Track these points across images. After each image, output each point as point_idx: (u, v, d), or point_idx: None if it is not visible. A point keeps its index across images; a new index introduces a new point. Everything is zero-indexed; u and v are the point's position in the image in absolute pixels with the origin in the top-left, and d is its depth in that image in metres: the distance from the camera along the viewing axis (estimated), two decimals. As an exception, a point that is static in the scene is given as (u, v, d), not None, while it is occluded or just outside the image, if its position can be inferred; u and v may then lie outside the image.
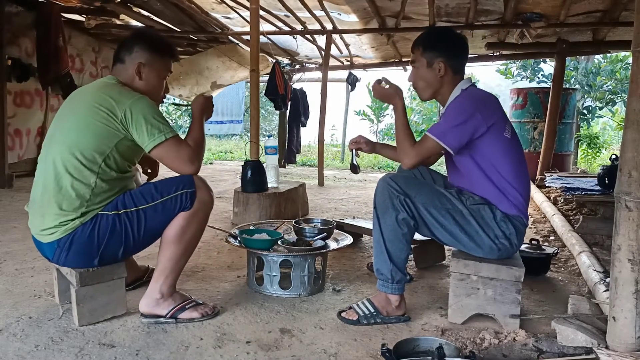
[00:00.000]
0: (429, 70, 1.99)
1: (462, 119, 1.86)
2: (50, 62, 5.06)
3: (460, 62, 2.02)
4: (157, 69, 1.91)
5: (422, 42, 2.01)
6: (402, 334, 1.81)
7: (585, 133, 8.61)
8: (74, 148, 1.72)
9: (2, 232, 3.18)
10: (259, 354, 1.64)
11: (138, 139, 1.76)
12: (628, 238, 1.46)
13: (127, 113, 1.73)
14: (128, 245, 1.79)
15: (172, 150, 1.79)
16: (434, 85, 2.00)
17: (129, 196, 1.79)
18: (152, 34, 2.02)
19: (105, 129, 1.73)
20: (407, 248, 1.90)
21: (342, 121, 10.98)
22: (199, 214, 1.83)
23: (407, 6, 4.84)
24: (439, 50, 1.98)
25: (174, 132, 1.79)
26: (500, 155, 1.91)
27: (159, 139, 1.75)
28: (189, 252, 1.89)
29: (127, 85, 1.85)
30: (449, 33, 2.08)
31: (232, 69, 7.19)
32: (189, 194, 1.80)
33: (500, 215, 1.89)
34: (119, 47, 1.91)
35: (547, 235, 3.48)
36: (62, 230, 1.72)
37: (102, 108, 1.72)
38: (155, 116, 1.76)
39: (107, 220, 1.74)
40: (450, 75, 1.99)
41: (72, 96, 1.89)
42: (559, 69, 5.89)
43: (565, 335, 1.62)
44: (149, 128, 1.74)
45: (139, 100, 1.76)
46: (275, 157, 3.97)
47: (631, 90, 1.48)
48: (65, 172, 1.71)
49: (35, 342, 1.68)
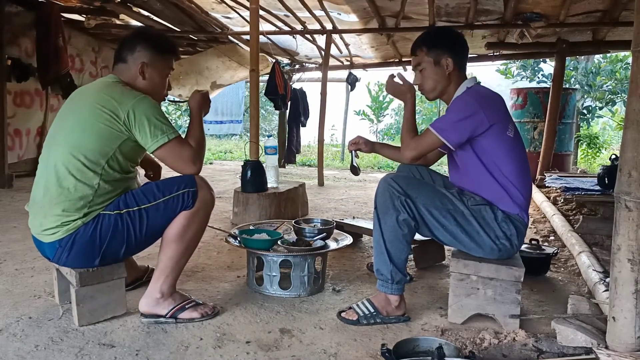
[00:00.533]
0: (437, 68, 1.99)
1: (463, 115, 1.86)
2: (50, 62, 5.06)
3: (464, 58, 2.04)
4: (160, 68, 1.91)
5: (425, 42, 2.02)
6: (402, 334, 1.81)
7: (585, 133, 8.61)
8: (77, 150, 1.71)
9: (2, 232, 3.18)
10: (259, 354, 1.64)
11: (141, 140, 1.76)
12: (628, 238, 1.46)
13: (130, 114, 1.72)
14: (130, 244, 1.79)
15: (175, 151, 1.79)
16: (443, 82, 2.01)
17: (130, 196, 1.79)
18: (154, 33, 2.02)
19: (108, 130, 1.72)
20: (407, 249, 1.90)
21: (342, 121, 10.98)
22: (200, 213, 1.83)
23: (407, 6, 4.84)
24: (443, 47, 1.99)
25: (177, 132, 1.79)
26: (503, 154, 1.91)
27: (162, 140, 1.75)
28: (190, 252, 1.89)
29: (130, 85, 1.85)
30: (449, 30, 2.11)
31: (231, 68, 7.19)
32: (191, 193, 1.80)
33: (502, 216, 1.89)
34: (121, 46, 1.90)
35: (547, 235, 3.48)
36: (64, 230, 1.71)
37: (105, 109, 1.72)
38: (158, 117, 1.76)
39: (109, 220, 1.74)
40: (457, 71, 2.00)
41: (73, 96, 1.88)
42: (559, 69, 5.89)
43: (565, 335, 1.62)
44: (152, 129, 1.74)
45: (141, 100, 1.75)
46: (275, 157, 3.97)
47: (631, 90, 1.48)
48: (67, 173, 1.71)
49: (35, 342, 1.68)
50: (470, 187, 1.98)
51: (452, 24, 5.33)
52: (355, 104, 12.98)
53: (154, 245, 1.89)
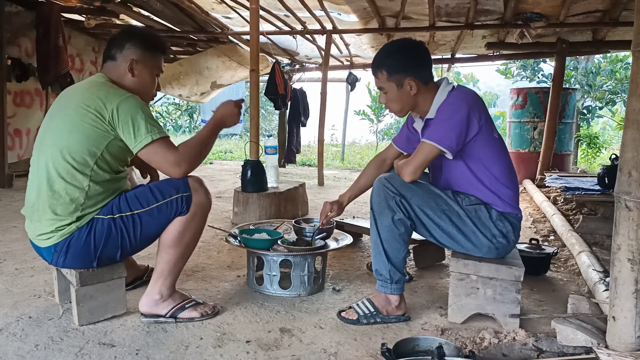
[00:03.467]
0: (401, 92, 1.91)
1: (457, 118, 1.84)
2: (50, 62, 5.05)
3: (428, 70, 1.95)
4: (149, 66, 1.88)
5: (384, 66, 1.91)
6: (401, 334, 1.81)
7: (585, 133, 8.61)
8: (65, 151, 1.68)
9: (2, 232, 3.18)
10: (259, 354, 1.64)
11: (126, 140, 1.72)
12: (628, 238, 1.46)
13: (114, 113, 1.68)
14: (125, 248, 1.78)
15: (159, 152, 1.73)
16: (409, 103, 1.95)
17: (124, 200, 1.76)
18: (143, 31, 1.99)
19: (94, 130, 1.69)
20: (404, 248, 1.90)
21: (342, 121, 10.99)
22: (196, 218, 1.81)
23: (407, 6, 4.85)
24: (405, 68, 1.89)
25: (163, 133, 1.74)
26: (491, 157, 1.91)
27: (146, 140, 1.70)
28: (188, 254, 1.88)
29: (118, 83, 1.81)
30: (406, 47, 1.94)
31: (232, 68, 7.18)
32: (184, 198, 1.77)
33: (496, 214, 1.89)
34: (109, 44, 1.86)
35: (547, 235, 3.48)
36: (59, 235, 1.71)
37: (90, 109, 1.68)
38: (143, 116, 1.70)
39: (103, 225, 1.72)
40: (422, 88, 1.92)
41: (62, 95, 1.84)
42: (559, 68, 5.89)
43: (565, 334, 1.62)
44: (135, 129, 1.69)
45: (126, 99, 1.71)
46: (275, 157, 3.97)
47: (631, 90, 1.48)
48: (57, 176, 1.69)
49: (35, 341, 1.68)
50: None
51: (452, 24, 5.33)
52: (355, 104, 12.99)
53: (153, 244, 1.89)
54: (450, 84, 1.95)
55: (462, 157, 1.91)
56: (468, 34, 5.67)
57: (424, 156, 1.87)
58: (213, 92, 7.93)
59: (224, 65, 7.06)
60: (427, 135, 1.89)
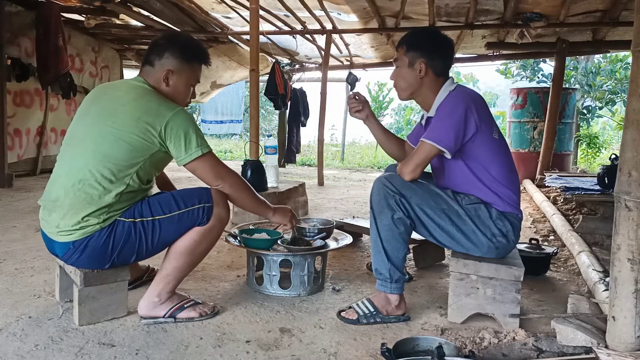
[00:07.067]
0: (410, 70, 1.97)
1: (455, 118, 1.85)
2: (50, 61, 5.06)
3: (444, 64, 1.98)
4: (185, 77, 1.88)
5: (406, 41, 1.99)
6: (401, 334, 1.81)
7: (585, 133, 8.61)
8: (107, 159, 1.70)
9: (2, 232, 3.18)
10: (259, 354, 1.64)
11: (174, 153, 1.77)
12: (628, 238, 1.46)
13: (167, 127, 1.73)
14: (140, 252, 1.79)
15: (206, 164, 1.82)
16: (414, 85, 1.98)
17: (146, 204, 1.78)
18: (186, 39, 1.96)
19: (142, 142, 1.72)
20: (404, 247, 1.90)
21: (342, 121, 10.98)
22: (213, 231, 1.85)
23: (407, 6, 4.85)
24: (422, 50, 1.94)
25: (209, 147, 1.82)
26: (489, 157, 1.91)
27: (196, 154, 1.77)
28: (196, 264, 1.91)
29: (155, 89, 1.84)
30: (434, 34, 2.03)
31: (231, 68, 7.19)
32: (206, 208, 1.80)
33: (496, 214, 1.89)
34: (150, 49, 1.88)
35: (546, 235, 3.48)
36: (80, 233, 1.71)
37: (141, 121, 1.71)
38: (194, 130, 1.78)
39: (124, 227, 1.74)
40: (432, 76, 1.96)
41: (99, 96, 1.85)
42: (559, 68, 5.89)
43: (564, 334, 1.62)
44: (187, 142, 1.76)
45: (177, 114, 1.76)
46: (275, 157, 3.97)
47: (631, 90, 1.48)
48: (94, 180, 1.69)
49: (34, 341, 1.68)
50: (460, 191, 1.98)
51: (452, 24, 5.33)
52: (355, 103, 12.95)
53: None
54: (454, 83, 1.98)
55: (461, 156, 1.91)
56: (468, 34, 5.68)
57: (423, 155, 1.88)
58: (213, 91, 7.94)
59: (223, 65, 7.07)
60: (426, 134, 1.90)
